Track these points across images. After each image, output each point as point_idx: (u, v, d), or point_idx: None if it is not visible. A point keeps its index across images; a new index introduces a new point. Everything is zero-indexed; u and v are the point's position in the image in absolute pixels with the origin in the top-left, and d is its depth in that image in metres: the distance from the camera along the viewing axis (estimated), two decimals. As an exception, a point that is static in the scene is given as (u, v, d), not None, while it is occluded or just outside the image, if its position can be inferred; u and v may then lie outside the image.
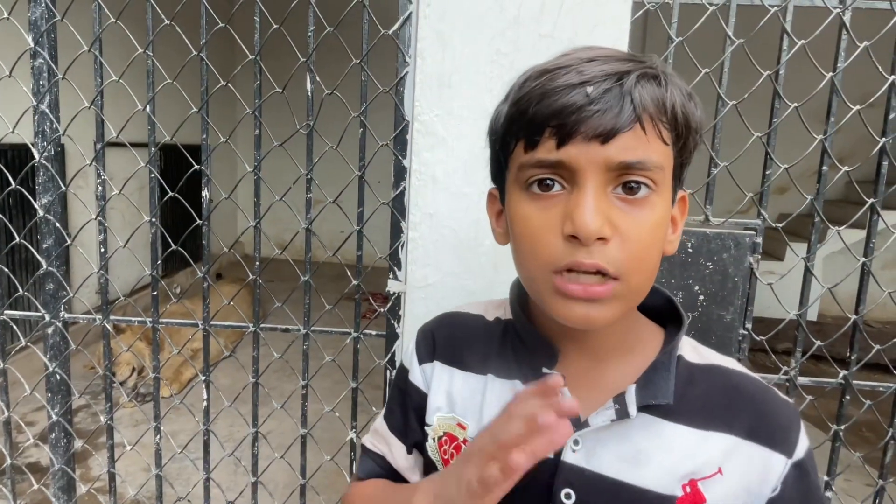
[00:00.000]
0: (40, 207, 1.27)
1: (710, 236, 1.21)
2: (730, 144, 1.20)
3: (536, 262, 0.51)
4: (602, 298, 0.48)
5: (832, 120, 1.17)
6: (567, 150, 0.47)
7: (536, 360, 0.57)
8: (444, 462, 0.60)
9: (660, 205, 0.50)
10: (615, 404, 0.52)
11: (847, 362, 1.25)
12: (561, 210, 0.49)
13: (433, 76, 1.06)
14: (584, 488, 0.53)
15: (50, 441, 1.36)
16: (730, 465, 0.52)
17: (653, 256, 0.50)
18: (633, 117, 0.46)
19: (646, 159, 0.47)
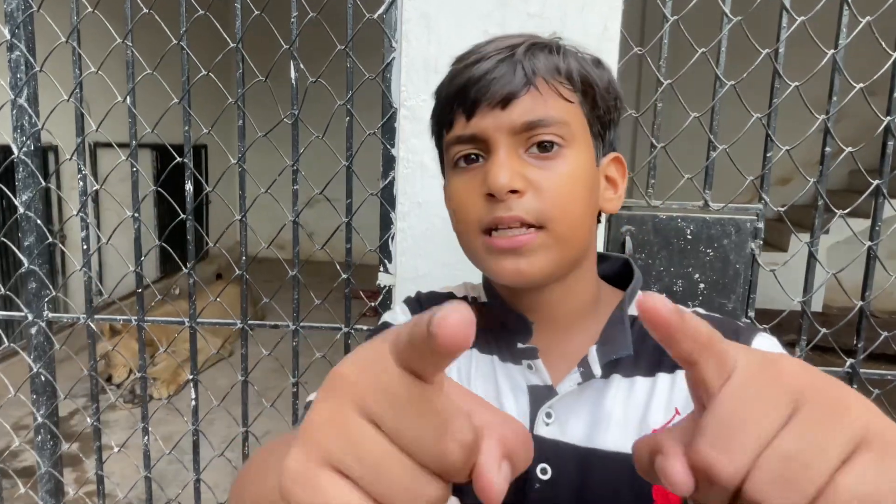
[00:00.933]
0: (20, 204, 1.24)
1: (710, 222, 1.17)
2: (729, 129, 1.16)
3: (467, 227, 0.54)
4: (528, 247, 0.51)
5: (834, 99, 1.13)
6: (476, 122, 0.52)
7: (512, 336, 0.57)
8: None
9: (573, 157, 0.53)
10: (580, 368, 0.53)
11: (854, 351, 1.20)
12: (481, 177, 0.52)
13: (419, 60, 1.02)
14: (557, 462, 0.52)
15: (36, 444, 1.33)
16: (684, 401, 0.52)
17: (576, 205, 0.53)
18: (524, 80, 0.51)
19: (545, 116, 0.51)
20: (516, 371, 0.56)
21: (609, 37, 1.01)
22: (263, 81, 1.14)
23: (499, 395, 0.56)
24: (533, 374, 0.55)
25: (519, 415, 0.54)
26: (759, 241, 1.17)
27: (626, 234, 1.19)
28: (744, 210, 1.18)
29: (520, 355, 0.56)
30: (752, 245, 1.17)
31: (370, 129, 1.16)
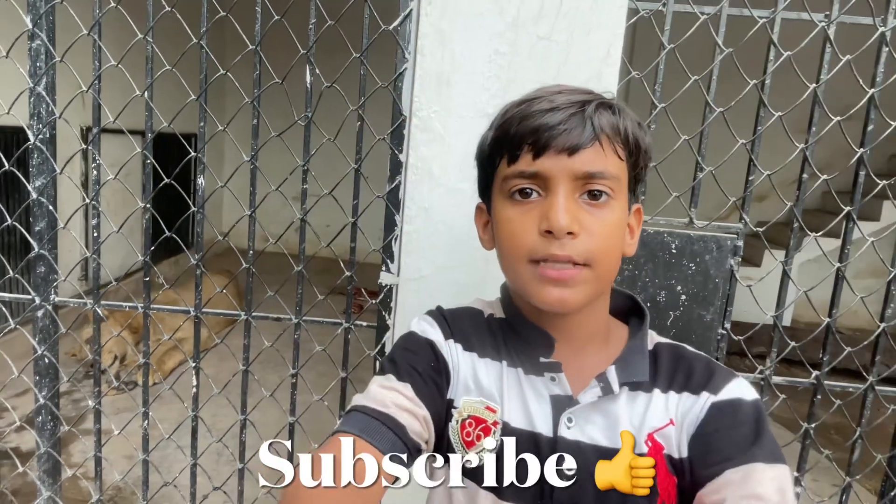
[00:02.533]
0: (33, 190, 1.27)
1: (694, 238, 1.25)
2: (715, 151, 1.24)
3: (518, 255, 0.60)
4: (573, 281, 0.58)
5: (813, 129, 1.22)
6: (542, 162, 0.58)
7: (534, 350, 0.65)
8: (465, 444, 0.64)
9: (618, 208, 0.61)
10: (599, 382, 0.62)
11: (819, 364, 1.30)
12: (538, 212, 0.59)
13: (432, 74, 1.08)
14: (581, 458, 0.61)
15: (36, 424, 1.36)
16: (677, 416, 0.62)
17: (614, 250, 0.61)
18: (592, 135, 0.58)
19: (604, 170, 0.58)
20: (539, 382, 0.64)
21: (611, 62, 1.08)
22: (280, 84, 1.19)
23: (525, 402, 0.64)
24: (555, 385, 0.64)
25: (544, 419, 0.63)
26: (738, 258, 1.25)
27: (616, 245, 1.26)
28: (725, 228, 1.27)
29: (543, 368, 0.64)
30: (732, 261, 1.25)
31: (379, 134, 1.21)
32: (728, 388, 0.62)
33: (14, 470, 1.46)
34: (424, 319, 0.71)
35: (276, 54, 1.22)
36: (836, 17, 1.17)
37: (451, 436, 0.65)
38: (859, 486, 2.19)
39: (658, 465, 0.60)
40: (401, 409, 0.60)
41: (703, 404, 0.61)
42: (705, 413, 0.61)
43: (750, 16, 1.17)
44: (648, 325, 0.68)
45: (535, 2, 1.04)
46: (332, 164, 1.29)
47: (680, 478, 0.61)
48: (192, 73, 1.21)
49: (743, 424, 0.59)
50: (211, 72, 1.22)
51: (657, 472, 0.60)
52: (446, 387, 0.66)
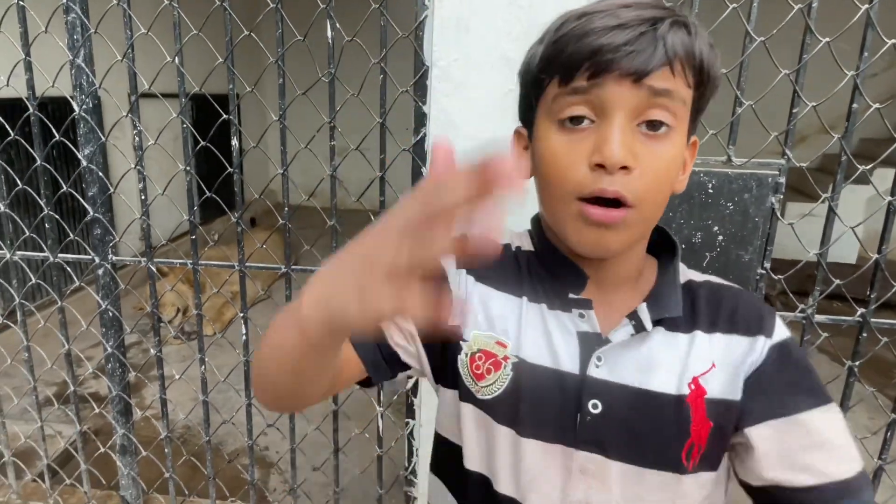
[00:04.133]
0: (83, 158, 1.34)
1: (732, 177, 1.20)
2: (756, 86, 1.17)
3: (563, 190, 0.55)
4: (616, 224, 0.54)
5: (865, 55, 1.13)
6: (600, 85, 0.52)
7: (563, 286, 0.62)
8: (475, 376, 0.63)
9: (677, 142, 0.55)
10: (630, 321, 0.59)
11: (867, 300, 1.25)
12: (590, 143, 0.53)
13: (451, 20, 1.06)
14: (608, 398, 0.59)
15: (107, 371, 1.49)
16: (719, 358, 0.59)
17: (665, 189, 0.56)
18: (664, 59, 0.51)
19: (674, 90, 0.52)
20: (566, 318, 0.61)
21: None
22: (302, 41, 1.19)
23: (549, 339, 0.61)
24: (584, 322, 0.60)
25: (571, 357, 0.60)
26: (779, 195, 1.20)
27: (649, 188, 1.24)
28: (766, 165, 1.21)
29: (571, 304, 0.61)
30: (773, 199, 1.20)
31: (402, 85, 1.21)
32: (778, 330, 0.60)
33: (92, 412, 1.61)
34: None
35: (299, 11, 1.22)
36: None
37: (460, 369, 0.64)
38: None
39: (695, 410, 0.59)
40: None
41: (762, 349, 0.59)
42: (764, 357, 0.59)
43: (794, -68, 1.08)
44: (680, 258, 0.64)
45: (555, -64, 0.99)
46: (361, 118, 1.30)
47: (721, 422, 0.59)
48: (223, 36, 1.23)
49: (796, 368, 0.59)
50: (238, 34, 1.24)
51: (693, 416, 0.58)
52: None
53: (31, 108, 1.34)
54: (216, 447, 2.13)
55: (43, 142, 1.36)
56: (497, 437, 0.63)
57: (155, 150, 1.38)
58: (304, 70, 1.43)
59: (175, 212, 1.43)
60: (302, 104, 1.32)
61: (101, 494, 1.71)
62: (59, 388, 2.49)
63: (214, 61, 1.23)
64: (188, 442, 2.32)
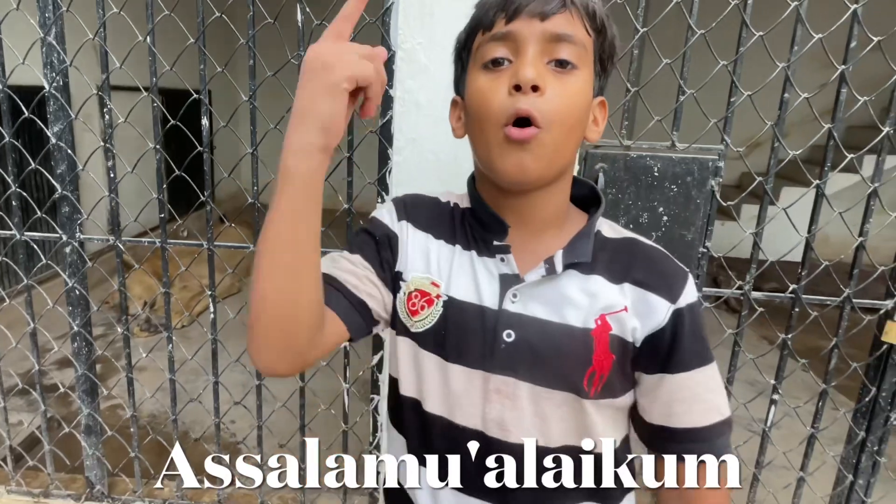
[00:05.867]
0: (52, 135, 1.36)
1: (676, 161, 1.29)
2: (700, 76, 1.27)
3: (488, 118, 0.64)
4: (534, 143, 0.62)
5: (795, 49, 1.23)
6: (514, 25, 0.62)
7: (489, 235, 0.71)
8: (409, 312, 0.72)
9: (582, 79, 0.64)
10: (545, 264, 0.68)
11: (798, 276, 1.35)
12: (508, 76, 0.63)
13: (415, 5, 1.13)
14: (521, 329, 0.68)
15: (73, 350, 1.50)
16: (630, 305, 0.68)
17: (573, 117, 0.64)
18: (562, 4, 0.62)
19: (574, 34, 0.62)
20: (491, 263, 0.70)
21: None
22: (272, 24, 1.24)
23: (476, 280, 0.70)
24: (504, 266, 0.70)
25: (492, 294, 0.69)
26: (718, 178, 1.30)
27: (600, 171, 1.32)
28: (707, 150, 1.31)
29: (495, 250, 0.70)
30: (713, 182, 1.30)
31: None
32: (685, 294, 0.68)
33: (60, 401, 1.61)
34: (385, 205, 0.79)
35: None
36: (818, -69, 1.16)
37: (397, 305, 0.73)
38: (840, 400, 2.26)
39: (599, 342, 0.67)
40: (347, 272, 0.71)
41: (666, 311, 0.67)
42: (667, 319, 0.67)
43: (730, -66, 1.18)
44: (602, 211, 0.72)
45: (511, -71, 1.07)
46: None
47: (622, 359, 0.68)
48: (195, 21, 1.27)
49: (690, 334, 0.68)
50: (209, 15, 1.28)
51: (596, 347, 0.67)
52: (393, 257, 0.74)
53: (2, 87, 1.36)
54: (183, 433, 2.13)
55: (10, 119, 1.38)
56: (426, 364, 0.71)
57: (124, 145, 1.40)
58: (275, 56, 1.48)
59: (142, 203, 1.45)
60: (272, 92, 1.36)
61: (65, 477, 1.70)
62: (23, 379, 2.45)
63: (188, 51, 1.27)
64: (154, 429, 2.31)
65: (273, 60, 1.41)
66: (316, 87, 0.57)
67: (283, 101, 1.34)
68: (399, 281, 0.74)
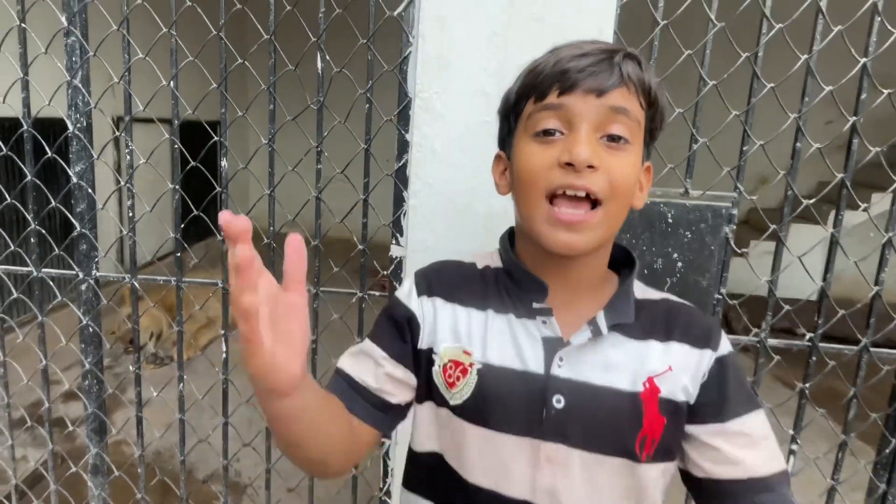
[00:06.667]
0: (74, 175, 1.39)
1: (689, 207, 1.30)
2: (712, 124, 1.28)
3: (535, 190, 0.64)
4: (584, 225, 0.62)
5: (807, 99, 1.25)
6: (568, 99, 0.62)
7: (528, 296, 0.70)
8: (447, 384, 0.71)
9: (633, 154, 0.64)
10: (589, 326, 0.67)
11: (815, 325, 1.34)
12: (560, 148, 0.63)
13: (433, 56, 1.15)
14: (570, 394, 0.67)
15: (83, 388, 1.49)
16: (675, 363, 0.68)
17: (627, 193, 0.64)
18: (620, 80, 0.62)
19: (629, 108, 0.62)
20: (532, 325, 0.69)
21: (602, 39, 1.13)
22: (293, 71, 1.27)
23: (517, 343, 0.69)
24: (546, 328, 0.69)
25: (536, 359, 0.68)
26: (732, 225, 1.30)
27: (614, 216, 1.33)
28: (720, 198, 1.31)
29: (535, 313, 0.69)
30: (727, 229, 1.30)
31: (387, 115, 1.29)
32: (723, 343, 0.70)
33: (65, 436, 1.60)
34: (406, 282, 0.78)
35: (290, 43, 1.30)
36: (828, -12, 1.19)
37: (435, 379, 0.72)
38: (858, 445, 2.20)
39: (648, 405, 0.66)
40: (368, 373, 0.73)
41: (710, 359, 0.68)
42: (713, 368, 0.67)
43: (741, -10, 1.21)
44: (637, 273, 0.72)
45: (529, -15, 1.10)
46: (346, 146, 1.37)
47: (675, 419, 0.67)
48: (215, 62, 1.30)
49: (734, 379, 0.68)
50: (231, 61, 1.31)
51: (646, 411, 0.66)
52: (414, 338, 0.74)
53: (26, 126, 1.39)
54: (188, 472, 2.10)
55: (33, 158, 1.40)
56: (467, 436, 0.70)
57: (139, 172, 1.42)
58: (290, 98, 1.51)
59: (152, 235, 1.47)
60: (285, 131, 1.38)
61: (68, 517, 1.67)
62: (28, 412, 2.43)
63: (200, 85, 1.30)
64: (159, 468, 2.28)
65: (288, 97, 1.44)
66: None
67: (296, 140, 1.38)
68: (431, 355, 0.73)
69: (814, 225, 4.08)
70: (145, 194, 1.40)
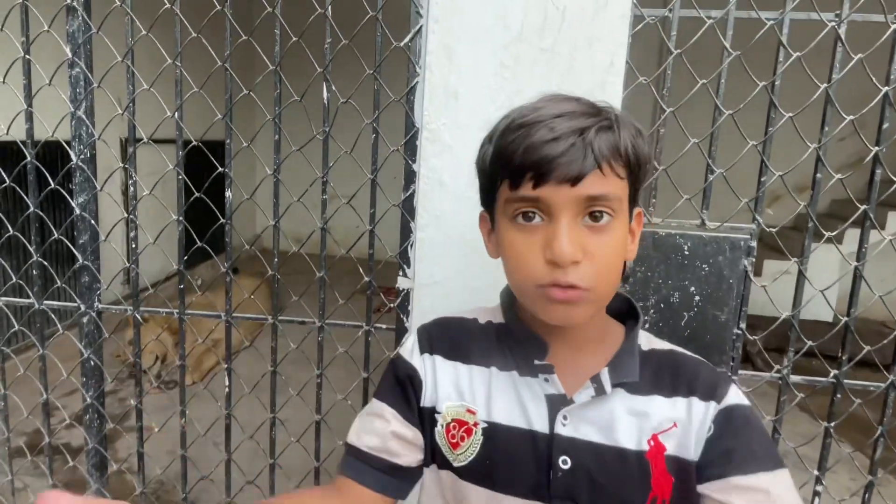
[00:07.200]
0: (77, 206, 1.37)
1: (706, 239, 1.26)
2: (728, 153, 1.25)
3: (524, 278, 0.62)
4: (578, 301, 0.61)
5: (826, 129, 1.21)
6: (544, 191, 0.59)
7: (529, 354, 0.68)
8: (451, 445, 0.69)
9: (619, 228, 0.62)
10: (593, 384, 0.65)
11: (839, 361, 1.29)
12: (541, 237, 0.60)
13: (440, 87, 1.13)
14: (576, 454, 0.64)
15: (84, 422, 1.46)
16: (680, 419, 0.64)
17: (615, 269, 0.63)
18: (594, 164, 0.58)
19: (607, 193, 0.59)
20: (535, 383, 0.67)
21: (614, 71, 1.10)
22: (299, 101, 1.25)
23: (521, 402, 0.67)
24: (549, 386, 0.67)
25: (540, 418, 0.66)
26: (751, 258, 1.26)
27: (628, 248, 1.29)
28: (738, 229, 1.27)
29: (537, 370, 0.67)
30: (745, 262, 1.25)
31: (393, 145, 1.26)
32: (729, 395, 0.65)
33: (65, 465, 1.57)
34: (409, 339, 0.76)
35: (296, 73, 1.28)
36: (847, 15, 1.16)
37: (438, 440, 0.70)
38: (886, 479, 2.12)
39: (655, 465, 0.63)
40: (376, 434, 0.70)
41: (713, 412, 0.64)
42: (716, 420, 0.64)
43: (758, 18, 1.18)
44: (640, 326, 0.70)
45: (538, 16, 1.07)
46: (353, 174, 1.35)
47: (683, 477, 0.63)
48: (222, 89, 1.28)
49: (747, 431, 0.63)
50: (237, 91, 1.30)
51: (654, 471, 0.63)
52: (417, 395, 0.72)
53: (30, 157, 1.37)
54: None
55: (36, 188, 1.39)
56: (472, 499, 0.68)
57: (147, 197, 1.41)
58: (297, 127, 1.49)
59: (157, 256, 1.45)
60: (292, 159, 1.36)
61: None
62: (30, 439, 2.41)
63: (204, 110, 1.28)
64: (161, 499, 2.23)
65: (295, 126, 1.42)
66: None
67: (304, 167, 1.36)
68: (434, 415, 0.71)
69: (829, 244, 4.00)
70: (153, 217, 1.38)
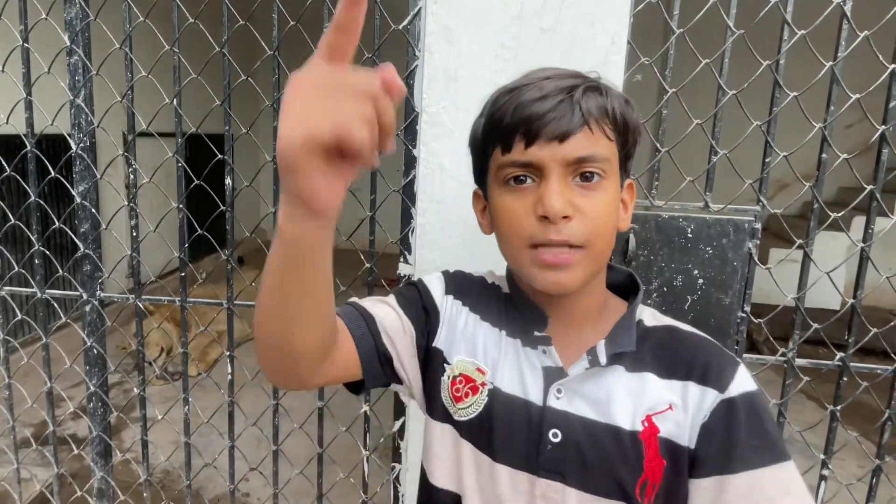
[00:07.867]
0: (77, 195, 1.37)
1: (710, 222, 1.24)
2: (732, 134, 1.23)
3: (517, 240, 0.62)
4: (570, 264, 0.61)
5: (832, 108, 1.19)
6: (534, 151, 0.60)
7: (529, 325, 0.68)
8: (453, 398, 0.69)
9: (610, 189, 0.62)
10: (588, 356, 0.64)
11: (846, 346, 1.28)
12: (533, 197, 0.61)
13: (440, 70, 1.11)
14: (567, 429, 0.64)
15: (88, 410, 1.47)
16: (678, 401, 0.63)
17: (609, 229, 0.63)
18: (581, 121, 0.59)
19: (595, 153, 0.60)
20: (533, 354, 0.67)
21: (616, 50, 1.08)
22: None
23: (521, 371, 0.67)
24: (547, 358, 0.66)
25: (536, 389, 0.66)
26: (756, 240, 1.24)
27: (631, 232, 1.27)
28: (742, 211, 1.26)
29: (536, 342, 0.67)
30: (750, 244, 1.24)
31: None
32: (735, 384, 0.61)
33: (73, 456, 1.58)
34: (434, 274, 0.77)
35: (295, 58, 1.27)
36: (853, -8, 1.14)
37: (441, 390, 0.70)
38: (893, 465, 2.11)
39: (648, 447, 0.62)
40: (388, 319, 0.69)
41: (714, 401, 0.61)
42: (716, 411, 0.60)
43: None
44: (641, 299, 0.69)
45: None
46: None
47: (676, 462, 0.61)
48: (221, 77, 1.28)
49: (750, 424, 0.60)
50: (235, 77, 1.29)
51: (646, 453, 0.61)
52: (432, 330, 0.72)
53: (29, 146, 1.37)
54: (196, 492, 2.07)
55: (36, 178, 1.39)
56: (467, 457, 0.68)
57: (145, 188, 1.40)
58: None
59: (162, 249, 1.45)
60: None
61: (73, 541, 1.64)
62: (37, 430, 2.43)
63: (207, 99, 1.28)
64: (167, 487, 2.25)
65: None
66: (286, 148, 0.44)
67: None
68: (444, 363, 0.71)
69: (837, 232, 3.98)
70: (154, 208, 1.38)
